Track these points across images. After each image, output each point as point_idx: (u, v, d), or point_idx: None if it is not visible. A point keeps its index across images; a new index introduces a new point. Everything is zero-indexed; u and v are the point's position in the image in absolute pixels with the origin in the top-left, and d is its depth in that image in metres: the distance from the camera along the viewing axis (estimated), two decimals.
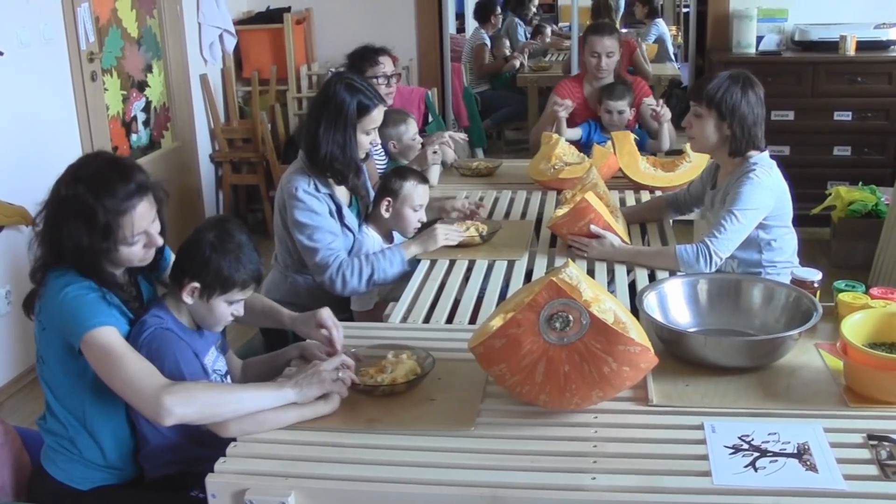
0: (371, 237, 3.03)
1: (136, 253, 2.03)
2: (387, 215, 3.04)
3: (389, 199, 3.03)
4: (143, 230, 2.01)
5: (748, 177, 2.79)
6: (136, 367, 1.88)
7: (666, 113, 4.04)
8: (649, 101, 4.01)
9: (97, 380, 1.97)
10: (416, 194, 3.04)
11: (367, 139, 2.95)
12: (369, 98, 2.89)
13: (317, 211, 2.87)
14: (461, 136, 4.05)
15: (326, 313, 2.22)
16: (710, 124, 2.86)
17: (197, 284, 2.05)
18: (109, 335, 1.91)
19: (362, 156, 2.98)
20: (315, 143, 2.86)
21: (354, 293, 2.90)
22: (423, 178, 3.13)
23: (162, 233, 2.08)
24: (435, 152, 3.75)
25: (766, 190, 2.79)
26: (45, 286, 2.00)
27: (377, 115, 2.93)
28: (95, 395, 2.02)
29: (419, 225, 3.10)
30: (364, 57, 3.89)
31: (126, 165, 2.04)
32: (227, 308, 2.09)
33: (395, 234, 3.14)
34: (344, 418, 1.91)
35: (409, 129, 3.78)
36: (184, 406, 1.83)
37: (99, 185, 1.96)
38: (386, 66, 3.92)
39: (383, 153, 3.85)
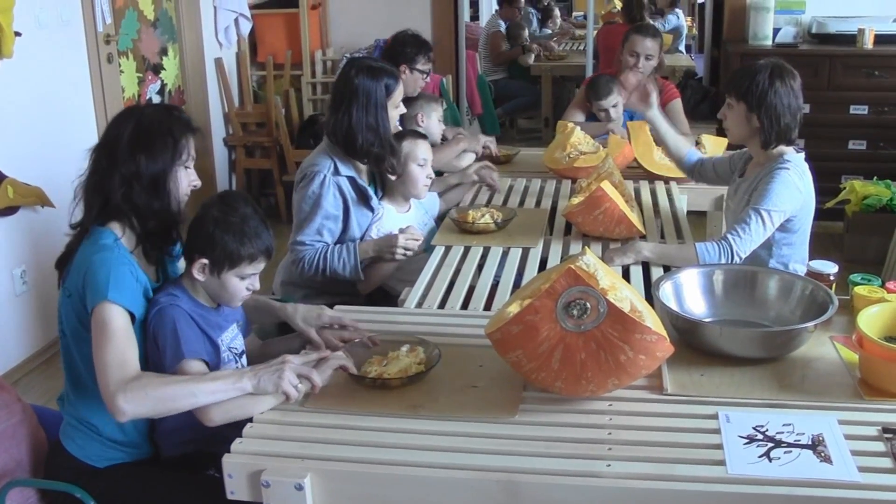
0: (386, 209, 3.07)
1: (189, 175, 2.12)
2: (395, 178, 3.07)
3: (393, 161, 3.05)
4: (194, 157, 2.13)
5: (779, 173, 2.72)
6: (114, 355, 1.88)
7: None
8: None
9: None
10: (418, 149, 3.08)
11: (397, 111, 3.04)
12: (391, 76, 2.97)
13: (321, 204, 2.89)
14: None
15: (331, 312, 2.24)
16: (740, 116, 2.81)
17: (205, 261, 2.05)
18: (114, 314, 1.92)
19: (393, 129, 3.06)
20: (351, 135, 2.90)
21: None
22: (421, 136, 3.18)
23: None
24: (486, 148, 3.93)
25: (795, 192, 2.73)
26: (81, 246, 2.03)
27: (401, 87, 3.03)
28: None
29: (429, 182, 3.13)
30: (421, 50, 3.94)
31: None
32: (240, 283, 2.08)
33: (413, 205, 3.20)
34: (387, 403, 1.92)
35: (439, 111, 3.80)
36: (136, 404, 1.83)
37: (165, 108, 2.16)
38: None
39: None
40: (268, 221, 2.15)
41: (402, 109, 3.09)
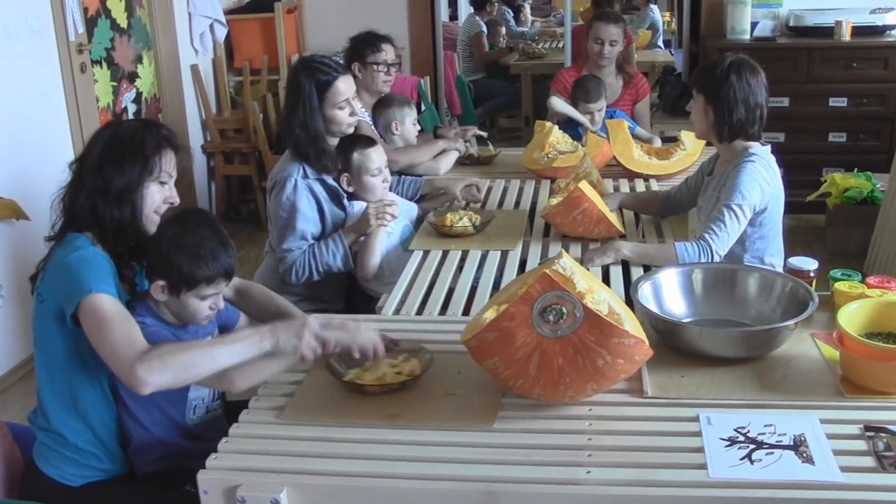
0: (359, 207, 3.04)
1: (164, 192, 2.10)
2: (351, 189, 3.05)
3: (346, 174, 3.03)
4: (170, 173, 2.09)
5: (745, 166, 2.73)
6: (119, 335, 1.86)
7: None
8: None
9: (83, 357, 1.99)
10: (368, 159, 3.02)
11: (343, 113, 2.96)
12: (327, 73, 2.91)
13: (298, 208, 2.89)
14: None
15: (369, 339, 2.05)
16: (700, 108, 2.82)
17: (163, 282, 2.03)
18: (106, 301, 1.91)
19: (348, 131, 3.01)
20: (287, 131, 2.92)
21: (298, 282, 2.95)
22: (370, 142, 3.10)
23: None
24: (467, 141, 3.90)
25: (763, 182, 2.73)
26: (54, 252, 2.03)
27: (342, 86, 2.94)
28: (84, 373, 2.03)
29: (386, 186, 3.10)
30: (368, 42, 3.88)
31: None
32: (202, 303, 2.06)
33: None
34: (364, 413, 1.89)
35: (412, 114, 3.80)
36: (157, 374, 1.81)
37: (144, 123, 2.14)
38: (388, 53, 3.90)
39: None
40: (247, 229, 2.13)
41: (352, 110, 2.98)
